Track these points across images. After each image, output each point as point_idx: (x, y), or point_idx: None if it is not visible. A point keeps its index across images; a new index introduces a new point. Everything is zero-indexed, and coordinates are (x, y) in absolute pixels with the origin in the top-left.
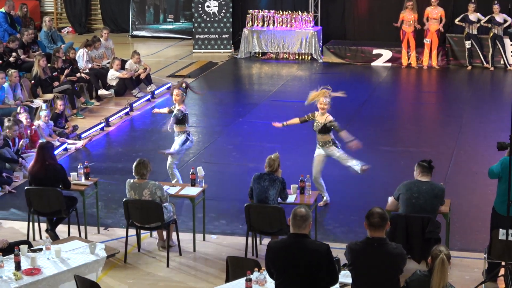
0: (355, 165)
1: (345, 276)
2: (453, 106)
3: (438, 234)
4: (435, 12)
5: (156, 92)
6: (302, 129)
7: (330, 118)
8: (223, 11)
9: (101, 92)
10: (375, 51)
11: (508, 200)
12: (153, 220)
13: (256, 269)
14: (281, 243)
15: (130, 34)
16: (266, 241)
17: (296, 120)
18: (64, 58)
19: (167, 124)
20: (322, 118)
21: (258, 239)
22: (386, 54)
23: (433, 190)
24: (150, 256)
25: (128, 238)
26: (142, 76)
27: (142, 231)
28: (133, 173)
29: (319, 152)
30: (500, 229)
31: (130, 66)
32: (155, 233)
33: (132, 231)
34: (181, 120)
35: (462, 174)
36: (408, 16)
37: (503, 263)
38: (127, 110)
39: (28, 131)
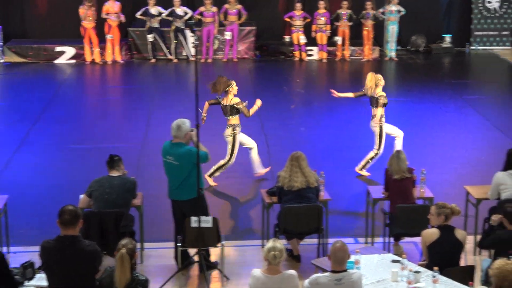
0: None
1: (40, 279)
2: (140, 99)
3: (132, 228)
4: (114, 7)
5: None
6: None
7: None
8: None
9: None
10: (58, 49)
11: (197, 187)
12: None
13: None
14: None
15: None
16: None
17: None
18: None
19: None
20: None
21: None
22: (70, 51)
23: (125, 184)
24: None
25: None
26: None
27: None
28: None
29: None
30: (192, 217)
31: None
32: None
33: None
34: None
35: (153, 165)
36: (86, 12)
37: (196, 250)
38: None
39: None
